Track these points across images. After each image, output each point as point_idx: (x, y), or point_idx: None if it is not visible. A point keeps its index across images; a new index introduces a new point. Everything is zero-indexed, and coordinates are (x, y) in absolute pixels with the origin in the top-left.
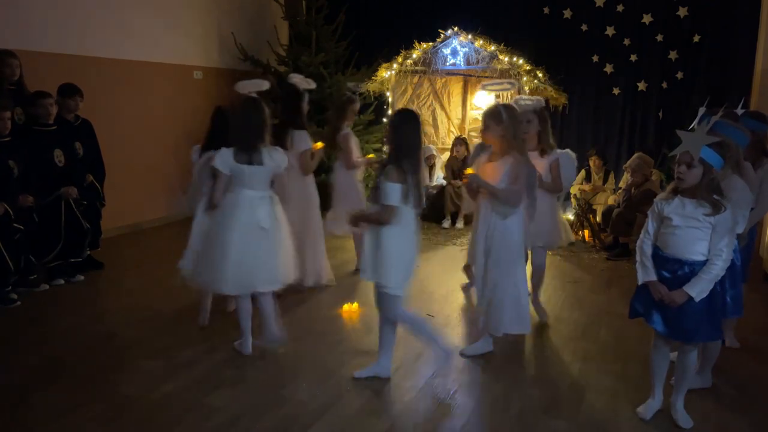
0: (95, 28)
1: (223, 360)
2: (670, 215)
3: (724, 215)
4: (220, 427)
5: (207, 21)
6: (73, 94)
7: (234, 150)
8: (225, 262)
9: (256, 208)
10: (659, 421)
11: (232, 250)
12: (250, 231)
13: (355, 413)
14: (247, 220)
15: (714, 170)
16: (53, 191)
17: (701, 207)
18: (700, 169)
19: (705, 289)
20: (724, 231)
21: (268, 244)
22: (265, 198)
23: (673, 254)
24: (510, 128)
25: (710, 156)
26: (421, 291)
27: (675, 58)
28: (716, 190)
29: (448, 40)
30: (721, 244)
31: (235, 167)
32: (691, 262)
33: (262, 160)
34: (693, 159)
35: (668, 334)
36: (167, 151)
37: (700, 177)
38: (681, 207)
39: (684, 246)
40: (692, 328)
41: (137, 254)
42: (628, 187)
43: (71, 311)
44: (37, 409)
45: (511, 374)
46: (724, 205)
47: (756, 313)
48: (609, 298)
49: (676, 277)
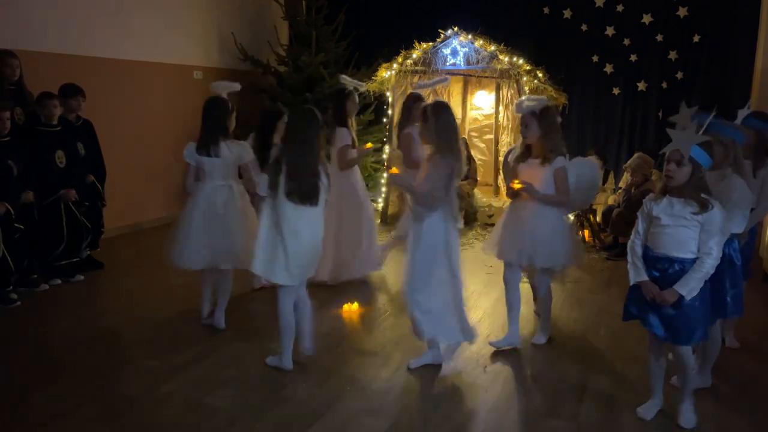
0: (95, 28)
1: (223, 360)
2: (658, 215)
3: (712, 214)
4: (220, 427)
5: (207, 21)
6: (75, 94)
7: (196, 143)
8: (188, 240)
9: (215, 195)
10: (659, 421)
11: (193, 230)
12: (209, 215)
13: (355, 413)
14: (206, 206)
15: (702, 169)
16: (53, 192)
17: (689, 206)
18: (689, 168)
19: (695, 287)
20: (713, 230)
21: (225, 227)
22: (225, 187)
23: (663, 253)
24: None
25: (699, 155)
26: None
27: (675, 58)
28: (703, 188)
29: (448, 40)
30: (710, 242)
31: (198, 159)
32: (680, 259)
33: (219, 153)
34: (683, 157)
35: (666, 338)
36: (167, 151)
37: (689, 175)
38: (669, 207)
39: (673, 244)
40: (688, 331)
41: (137, 254)
42: (628, 187)
43: (71, 311)
44: (37, 409)
45: (511, 375)
46: (712, 204)
47: (756, 313)
48: (609, 298)
49: (667, 276)
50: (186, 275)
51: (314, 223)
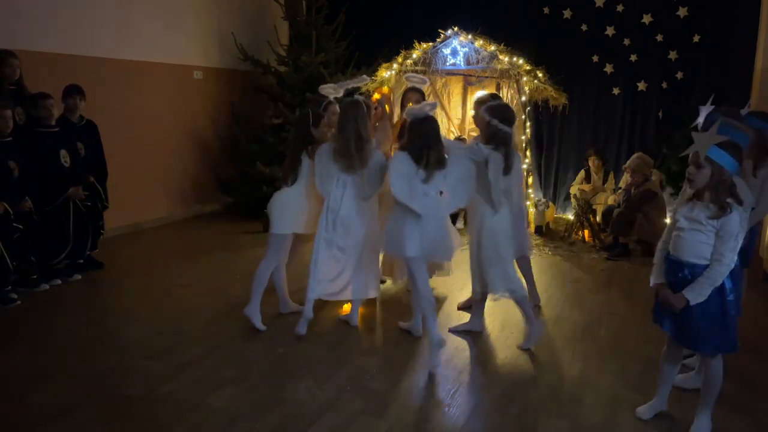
0: (95, 28)
1: (223, 360)
2: (678, 217)
3: (730, 218)
4: (220, 427)
5: (207, 21)
6: (72, 93)
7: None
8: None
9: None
10: (658, 421)
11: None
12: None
13: (355, 413)
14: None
15: (726, 171)
16: (61, 193)
17: (707, 210)
18: (708, 170)
19: (703, 293)
20: (728, 235)
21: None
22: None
23: (677, 257)
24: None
25: (721, 157)
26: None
27: (675, 58)
28: (727, 191)
29: (448, 40)
30: (723, 248)
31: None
32: (691, 264)
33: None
34: (702, 159)
35: (676, 337)
36: (167, 151)
37: (709, 178)
38: (690, 210)
39: (686, 249)
40: (699, 335)
41: (137, 254)
42: (628, 187)
43: (71, 311)
44: (37, 409)
45: (510, 374)
46: (731, 208)
47: (756, 313)
48: (609, 298)
49: (677, 280)
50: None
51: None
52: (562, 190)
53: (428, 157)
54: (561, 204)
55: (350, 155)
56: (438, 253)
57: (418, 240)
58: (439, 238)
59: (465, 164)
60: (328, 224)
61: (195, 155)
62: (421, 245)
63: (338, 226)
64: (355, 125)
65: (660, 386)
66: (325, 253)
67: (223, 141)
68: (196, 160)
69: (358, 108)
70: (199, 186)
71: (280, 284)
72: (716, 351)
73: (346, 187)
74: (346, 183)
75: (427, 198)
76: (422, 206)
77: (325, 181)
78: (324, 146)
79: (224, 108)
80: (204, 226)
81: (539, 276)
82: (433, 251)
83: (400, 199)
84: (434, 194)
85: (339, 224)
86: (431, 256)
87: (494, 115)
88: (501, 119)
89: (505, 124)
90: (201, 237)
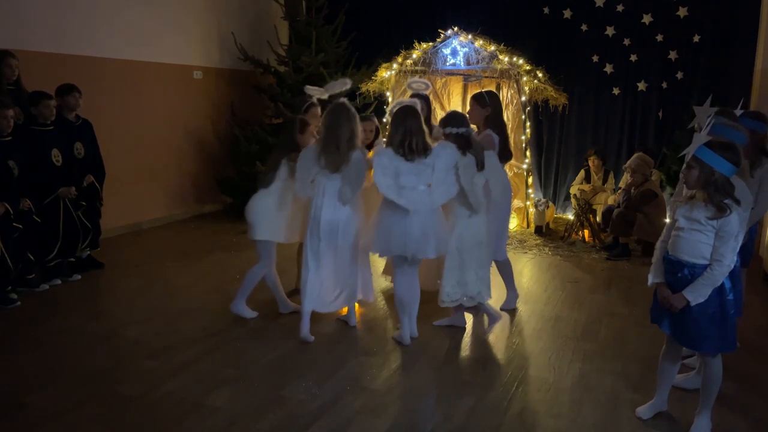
0: (95, 28)
1: (223, 360)
2: (678, 217)
3: (729, 219)
4: (220, 427)
5: (207, 21)
6: (71, 91)
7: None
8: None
9: None
10: (658, 421)
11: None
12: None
13: (355, 413)
14: None
15: (715, 172)
16: (52, 191)
17: (706, 210)
18: (696, 170)
19: (703, 293)
20: (727, 236)
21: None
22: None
23: (676, 256)
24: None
25: (709, 157)
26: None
27: (675, 58)
28: (722, 191)
29: (448, 40)
30: (723, 249)
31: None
32: (691, 264)
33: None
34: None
35: (675, 337)
36: (167, 151)
37: (697, 177)
38: (689, 210)
39: (686, 249)
40: (697, 335)
41: (137, 254)
42: (628, 187)
43: (71, 311)
44: (36, 410)
45: (510, 374)
46: (731, 209)
47: (756, 313)
48: (609, 298)
49: (677, 280)
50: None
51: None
52: (562, 190)
53: (410, 142)
54: (561, 204)
55: (336, 151)
56: (429, 249)
57: (404, 237)
58: (430, 233)
59: (450, 153)
60: (313, 235)
61: (195, 155)
62: (405, 243)
63: (323, 233)
64: (349, 125)
65: (660, 386)
66: (314, 265)
67: (223, 141)
68: (195, 160)
69: (349, 110)
70: (198, 186)
71: (275, 287)
72: (715, 350)
73: (325, 195)
74: (325, 189)
75: (415, 192)
76: (410, 201)
77: (305, 184)
78: (308, 148)
79: (224, 108)
80: (204, 226)
81: (539, 276)
82: (422, 248)
83: (386, 196)
84: (423, 188)
85: (324, 231)
86: (421, 252)
87: (446, 125)
88: (453, 125)
89: (458, 128)
90: (201, 237)
